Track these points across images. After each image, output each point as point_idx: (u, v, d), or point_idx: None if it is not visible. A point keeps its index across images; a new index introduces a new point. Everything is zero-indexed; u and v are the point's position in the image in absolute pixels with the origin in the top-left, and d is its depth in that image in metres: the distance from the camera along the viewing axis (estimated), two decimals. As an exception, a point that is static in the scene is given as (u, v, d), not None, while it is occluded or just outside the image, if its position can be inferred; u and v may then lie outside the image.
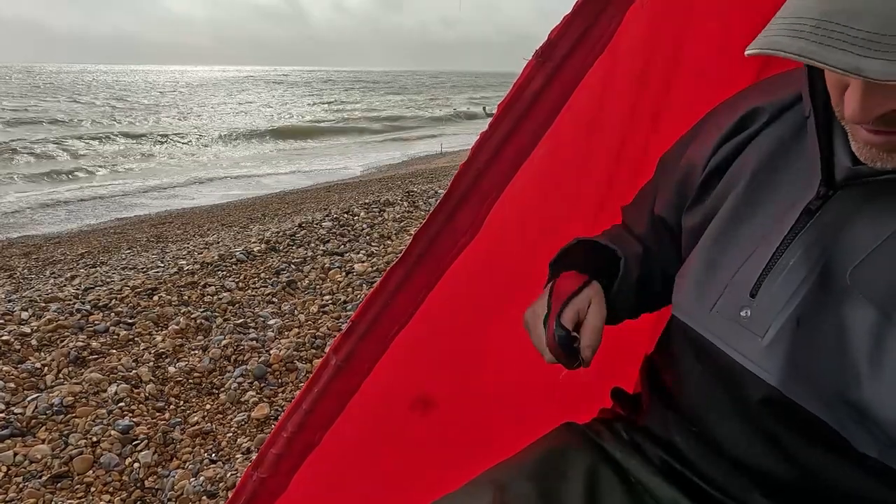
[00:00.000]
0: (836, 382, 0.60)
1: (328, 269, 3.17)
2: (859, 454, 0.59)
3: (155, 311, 2.58)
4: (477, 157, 0.90)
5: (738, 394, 0.67)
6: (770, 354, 0.64)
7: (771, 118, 0.73)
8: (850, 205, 0.62)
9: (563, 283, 0.79)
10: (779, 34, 0.51)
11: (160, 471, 1.75)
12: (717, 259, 0.72)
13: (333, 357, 1.06)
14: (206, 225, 6.41)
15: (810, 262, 0.63)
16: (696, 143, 0.81)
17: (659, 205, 0.86)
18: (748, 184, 0.71)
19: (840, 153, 0.63)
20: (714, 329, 0.71)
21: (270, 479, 1.15)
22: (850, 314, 0.59)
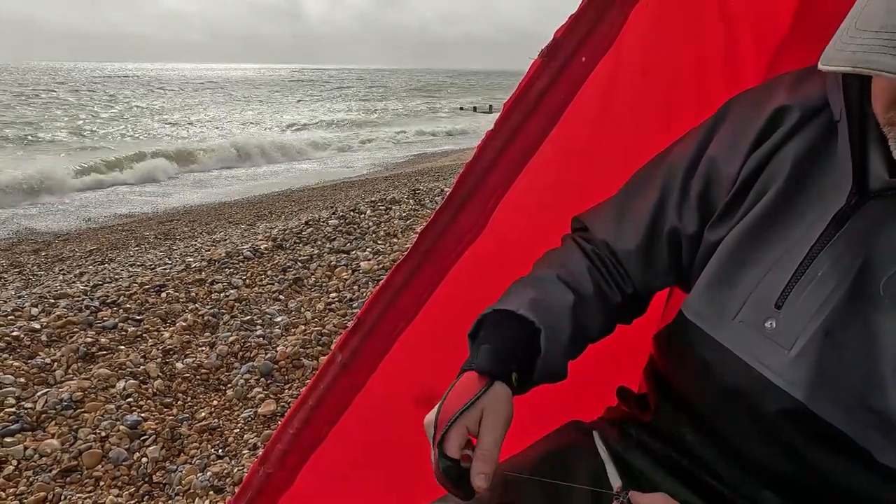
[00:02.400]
0: (861, 393, 0.59)
1: (334, 267, 3.19)
2: (879, 464, 0.59)
3: (163, 308, 2.60)
4: (482, 156, 0.90)
5: (757, 404, 0.66)
6: (797, 367, 0.63)
7: (801, 120, 0.70)
8: (881, 214, 0.61)
9: (454, 396, 0.69)
10: (874, 51, 0.48)
11: (168, 465, 1.77)
12: (740, 268, 0.70)
13: (339, 354, 1.07)
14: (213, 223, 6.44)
15: (840, 273, 0.62)
16: (718, 147, 0.76)
17: (673, 216, 0.79)
18: (778, 192, 0.69)
19: (875, 161, 0.62)
20: (736, 339, 0.69)
21: (276, 475, 1.16)
22: (881, 325, 0.59)
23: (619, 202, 0.86)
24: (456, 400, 0.68)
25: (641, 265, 0.83)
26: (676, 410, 0.77)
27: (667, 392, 0.80)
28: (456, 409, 0.67)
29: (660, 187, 0.81)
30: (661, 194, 0.81)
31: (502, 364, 0.73)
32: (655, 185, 0.82)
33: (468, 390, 0.69)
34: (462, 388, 0.70)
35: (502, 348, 0.74)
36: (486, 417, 0.67)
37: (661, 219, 0.81)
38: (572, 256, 0.86)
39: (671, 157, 0.82)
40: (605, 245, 0.85)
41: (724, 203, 0.74)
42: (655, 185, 0.82)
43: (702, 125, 0.81)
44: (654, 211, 0.81)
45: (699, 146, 0.78)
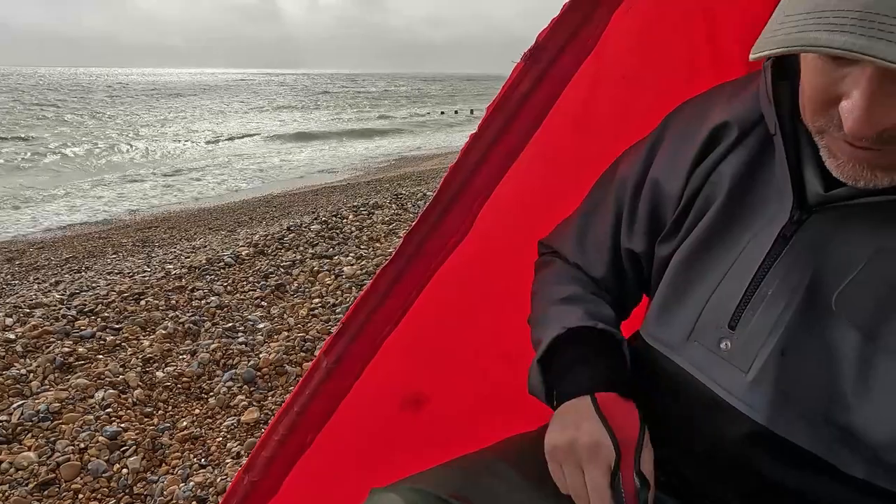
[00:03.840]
0: (823, 410, 0.59)
1: (317, 272, 3.17)
2: (845, 475, 0.59)
3: (142, 316, 2.56)
4: (466, 159, 0.90)
5: (721, 429, 0.65)
6: (756, 391, 0.62)
7: (739, 136, 0.69)
8: (826, 228, 0.61)
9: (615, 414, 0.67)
10: (809, 29, 0.46)
11: (149, 476, 1.74)
12: (688, 287, 0.71)
13: (324, 359, 1.06)
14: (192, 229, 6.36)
15: (791, 290, 0.61)
16: (660, 167, 0.76)
17: (627, 236, 0.80)
18: (718, 209, 0.69)
19: (810, 176, 0.61)
20: (694, 360, 0.69)
21: (262, 482, 1.15)
22: (836, 339, 0.59)
23: (579, 226, 0.86)
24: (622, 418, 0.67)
25: (615, 287, 0.84)
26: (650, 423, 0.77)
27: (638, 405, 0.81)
28: (635, 430, 0.66)
29: (613, 209, 0.82)
30: (615, 216, 0.82)
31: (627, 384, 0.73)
32: (609, 206, 0.82)
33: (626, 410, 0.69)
34: (616, 408, 0.68)
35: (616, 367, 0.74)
36: (648, 448, 0.67)
37: (619, 241, 0.82)
38: (573, 271, 0.86)
39: (619, 175, 0.82)
40: (580, 269, 0.86)
41: (671, 222, 0.74)
42: (609, 206, 0.82)
43: (646, 140, 0.81)
44: (612, 234, 0.82)
45: (643, 165, 0.79)
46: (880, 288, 0.57)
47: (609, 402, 0.69)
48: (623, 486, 0.62)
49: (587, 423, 0.66)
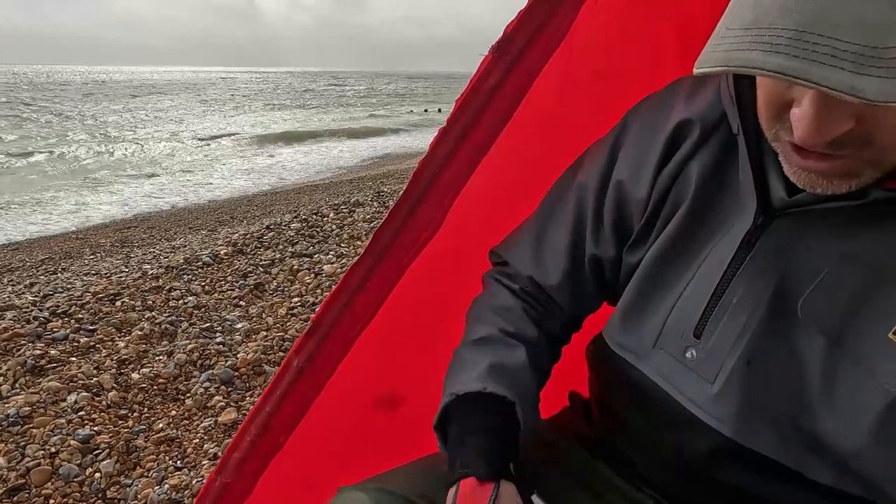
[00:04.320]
0: (790, 418, 0.59)
1: (297, 271, 3.14)
2: (813, 483, 0.59)
3: (117, 317, 2.51)
4: (436, 153, 0.89)
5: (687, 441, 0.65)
6: (722, 403, 0.62)
7: (703, 134, 0.68)
8: (790, 233, 0.60)
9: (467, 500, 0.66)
10: (744, 48, 0.45)
11: (123, 480, 1.71)
12: (654, 294, 0.69)
13: (295, 358, 1.04)
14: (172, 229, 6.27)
15: (756, 298, 0.61)
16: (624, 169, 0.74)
17: (593, 242, 0.78)
18: (685, 213, 0.67)
19: (773, 180, 0.60)
20: (660, 369, 0.68)
21: (234, 484, 1.13)
22: (802, 347, 0.58)
23: (535, 233, 0.83)
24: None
25: (570, 296, 0.82)
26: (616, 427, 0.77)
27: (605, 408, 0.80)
28: None
29: (573, 215, 0.79)
30: (576, 223, 0.79)
31: (500, 460, 0.69)
32: (568, 212, 0.79)
33: (476, 499, 0.66)
34: (468, 498, 0.66)
35: (491, 443, 0.70)
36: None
37: (579, 248, 0.79)
38: (505, 302, 0.83)
39: (579, 179, 0.79)
40: (531, 280, 0.83)
41: (639, 227, 0.72)
42: (568, 212, 0.79)
43: (605, 140, 0.79)
44: (571, 241, 0.79)
45: (605, 168, 0.76)
46: (844, 293, 0.57)
47: (467, 490, 0.67)
48: None
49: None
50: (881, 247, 0.56)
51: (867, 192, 0.54)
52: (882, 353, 0.55)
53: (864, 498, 0.59)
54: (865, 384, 0.55)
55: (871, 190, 0.54)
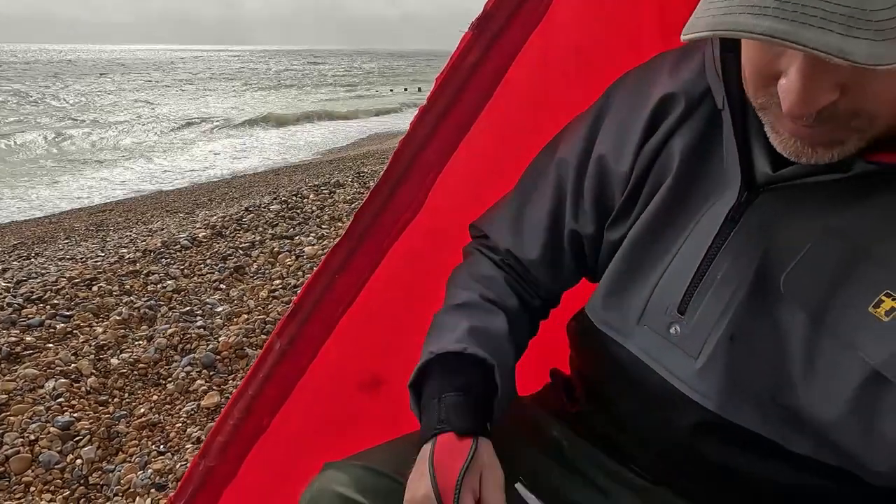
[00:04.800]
0: (772, 393, 0.60)
1: (277, 253, 3.11)
2: (792, 454, 0.60)
3: (94, 303, 2.47)
4: (416, 132, 0.88)
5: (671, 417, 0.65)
6: (705, 378, 0.62)
7: (687, 108, 0.67)
8: (774, 208, 0.60)
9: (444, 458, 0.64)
10: (732, 12, 0.45)
11: (105, 466, 1.70)
12: (638, 270, 0.69)
13: (278, 341, 1.04)
14: (149, 212, 6.16)
15: (740, 274, 0.61)
16: (606, 144, 0.73)
17: (573, 217, 0.77)
18: (669, 189, 0.67)
19: (758, 154, 0.60)
20: (644, 345, 0.68)
21: (218, 468, 1.13)
22: (785, 322, 0.58)
23: (515, 207, 0.82)
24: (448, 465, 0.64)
25: (548, 272, 0.81)
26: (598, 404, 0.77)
27: (586, 384, 0.80)
28: (455, 474, 0.62)
29: (553, 190, 0.79)
30: (556, 198, 0.78)
31: (478, 419, 0.69)
32: (548, 187, 0.79)
33: (455, 453, 0.65)
34: (447, 452, 0.65)
35: (469, 402, 0.69)
36: (487, 477, 0.64)
37: (559, 223, 0.79)
38: (487, 270, 0.83)
39: (560, 155, 0.79)
40: (510, 254, 0.82)
41: (620, 203, 0.72)
42: (548, 187, 0.79)
43: (587, 115, 0.78)
44: (550, 216, 0.79)
45: (586, 142, 0.76)
46: (826, 268, 0.57)
47: (445, 446, 0.66)
48: None
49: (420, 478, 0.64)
50: (863, 222, 0.57)
51: (851, 166, 0.54)
52: (862, 328, 0.55)
53: (841, 468, 0.60)
54: (845, 358, 0.56)
55: (854, 163, 0.54)
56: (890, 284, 0.55)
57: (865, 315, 0.55)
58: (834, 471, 0.60)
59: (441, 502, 0.61)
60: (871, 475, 0.59)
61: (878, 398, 0.55)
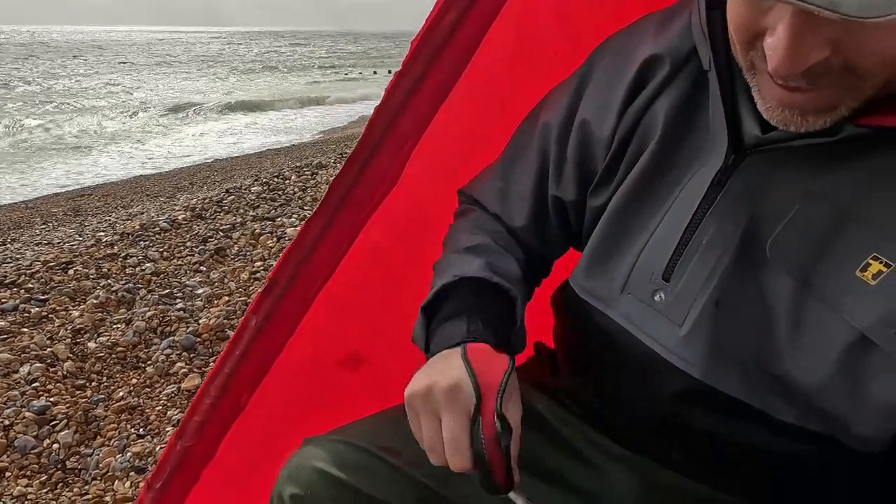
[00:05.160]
0: (758, 360, 0.59)
1: (259, 235, 3.07)
2: (777, 421, 0.59)
3: (71, 286, 2.42)
4: (391, 99, 0.85)
5: (656, 385, 0.64)
6: (690, 344, 0.61)
7: (672, 70, 0.65)
8: (761, 171, 0.59)
9: (482, 361, 0.60)
10: None
11: (83, 450, 1.67)
12: (622, 237, 0.68)
13: (253, 318, 1.01)
14: (129, 196, 6.06)
15: (725, 239, 0.59)
16: (589, 108, 0.72)
17: (555, 183, 0.75)
18: (653, 153, 0.65)
19: (746, 116, 0.59)
20: (628, 314, 0.66)
21: (196, 447, 1.10)
22: (771, 287, 0.57)
23: (500, 175, 0.81)
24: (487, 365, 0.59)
25: (536, 239, 0.80)
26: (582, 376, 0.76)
27: (570, 357, 0.79)
28: (498, 375, 0.58)
29: (537, 156, 0.77)
30: (539, 164, 0.77)
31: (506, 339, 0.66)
32: (533, 154, 0.77)
33: (494, 359, 0.61)
34: (484, 356, 0.61)
35: (498, 321, 0.67)
36: (514, 396, 0.61)
37: (543, 190, 0.77)
38: (489, 224, 0.82)
39: (543, 120, 0.77)
40: (499, 220, 0.81)
41: (603, 168, 0.70)
42: (533, 154, 0.77)
43: (571, 79, 0.76)
44: (535, 183, 0.77)
45: (569, 108, 0.74)
46: (812, 232, 0.56)
47: (479, 352, 0.61)
48: (483, 431, 0.55)
49: (450, 370, 0.59)
50: (851, 184, 0.55)
51: (840, 129, 0.53)
52: (849, 292, 0.54)
53: (826, 435, 0.59)
54: (831, 322, 0.55)
55: (843, 126, 0.52)
56: (877, 247, 0.54)
57: (852, 279, 0.54)
58: (818, 438, 0.60)
59: (480, 396, 0.56)
60: (855, 440, 0.59)
61: (865, 362, 0.54)
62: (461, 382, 0.58)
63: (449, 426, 0.57)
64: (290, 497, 0.73)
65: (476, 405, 0.56)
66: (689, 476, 0.67)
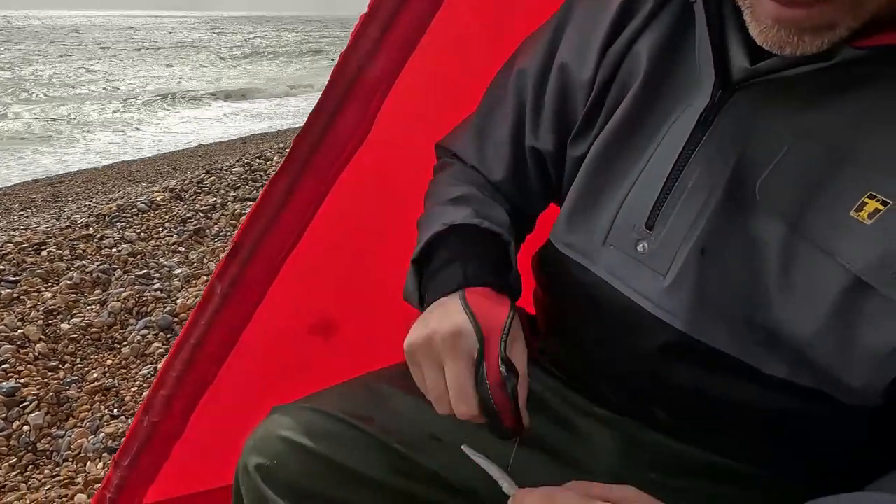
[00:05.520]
0: (744, 310, 0.55)
1: (240, 216, 3.01)
2: (765, 375, 0.56)
3: (44, 268, 2.36)
4: (357, 47, 0.80)
5: (639, 339, 0.61)
6: (674, 295, 0.57)
7: (656, 6, 0.63)
8: (749, 108, 0.55)
9: (483, 305, 0.58)
10: None
11: (54, 431, 1.62)
12: (604, 186, 0.64)
13: (218, 284, 0.96)
14: (110, 182, 5.95)
15: (712, 181, 0.56)
16: (568, 51, 0.68)
17: (532, 132, 0.73)
18: (636, 94, 0.62)
19: (735, 47, 0.55)
20: (610, 267, 0.63)
21: (164, 423, 1.06)
22: (760, 232, 0.54)
23: (477, 126, 0.78)
24: (489, 309, 0.57)
25: (516, 193, 0.77)
26: (562, 337, 0.73)
27: (550, 318, 0.76)
28: (500, 319, 0.56)
29: (513, 105, 0.74)
30: (516, 114, 0.74)
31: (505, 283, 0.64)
32: (508, 103, 0.74)
33: (496, 302, 0.59)
34: (485, 300, 0.58)
35: (493, 265, 0.64)
36: (518, 339, 0.59)
37: (520, 142, 0.74)
38: (472, 176, 0.78)
39: (519, 68, 0.74)
40: (478, 172, 0.78)
41: (583, 115, 0.67)
42: (508, 103, 0.74)
43: (547, 24, 0.72)
44: (512, 134, 0.74)
45: (547, 52, 0.70)
46: (804, 172, 0.53)
47: (479, 295, 0.59)
48: (487, 377, 0.53)
49: (449, 316, 0.56)
50: (845, 118, 0.52)
51: (834, 53, 0.49)
52: (843, 233, 0.51)
53: (815, 389, 0.56)
54: (824, 266, 0.52)
55: (840, 49, 0.49)
56: (873, 185, 0.50)
57: (847, 219, 0.51)
58: (808, 392, 0.56)
59: (483, 339, 0.54)
60: (846, 392, 0.56)
61: (859, 308, 0.51)
62: (462, 328, 0.55)
63: (452, 374, 0.55)
64: (256, 467, 0.69)
65: (479, 350, 0.54)
66: (672, 436, 0.64)
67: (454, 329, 0.55)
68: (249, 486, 0.68)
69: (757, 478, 0.62)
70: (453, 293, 0.60)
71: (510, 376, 0.53)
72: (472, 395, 0.54)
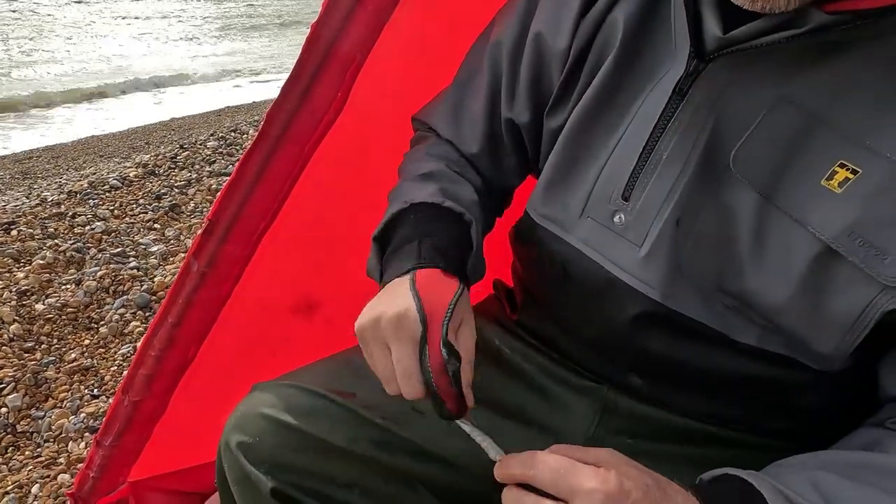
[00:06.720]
0: (717, 279, 0.56)
1: (216, 191, 2.95)
2: (738, 343, 0.58)
3: (14, 247, 2.30)
4: (330, 16, 0.78)
5: (615, 309, 0.61)
6: (650, 266, 0.58)
7: None
8: (724, 77, 0.55)
9: (429, 287, 0.58)
10: None
11: (34, 413, 1.60)
12: (581, 157, 0.64)
13: (195, 263, 0.95)
14: (80, 158, 5.76)
15: (686, 152, 0.56)
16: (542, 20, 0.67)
17: (507, 104, 0.72)
18: (612, 64, 0.61)
19: (708, 16, 0.55)
20: (587, 239, 0.63)
21: (145, 403, 1.05)
22: (733, 202, 0.55)
23: (453, 100, 0.78)
24: (434, 292, 0.57)
25: (492, 166, 0.77)
26: (539, 309, 0.73)
27: (528, 291, 0.76)
28: (445, 300, 0.56)
29: (488, 77, 0.73)
30: (491, 87, 0.73)
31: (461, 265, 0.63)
32: (483, 74, 0.73)
33: (442, 285, 0.58)
34: (432, 282, 0.58)
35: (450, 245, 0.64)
36: (465, 326, 0.59)
37: (496, 115, 0.73)
38: (445, 150, 0.77)
39: (494, 38, 0.73)
40: (452, 146, 0.77)
41: (559, 85, 0.66)
42: (483, 74, 0.73)
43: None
44: (486, 106, 0.73)
45: (521, 23, 0.70)
46: (778, 142, 0.53)
47: (429, 278, 0.59)
48: (430, 360, 0.53)
49: (397, 298, 0.57)
50: (818, 87, 0.52)
51: (807, 19, 0.49)
52: (814, 202, 0.52)
53: (786, 356, 0.57)
54: (795, 235, 0.53)
55: (811, 15, 0.49)
56: (844, 153, 0.51)
57: (818, 188, 0.52)
58: (779, 359, 0.58)
59: (426, 321, 0.54)
60: (815, 358, 0.57)
61: (828, 276, 0.52)
62: (408, 311, 0.55)
63: (398, 356, 0.56)
64: (238, 445, 0.69)
65: (422, 333, 0.54)
66: (648, 402, 0.66)
67: (400, 311, 0.55)
68: (232, 463, 0.68)
69: (733, 441, 0.63)
70: (405, 274, 0.60)
71: (451, 360, 0.53)
72: (417, 378, 0.54)
